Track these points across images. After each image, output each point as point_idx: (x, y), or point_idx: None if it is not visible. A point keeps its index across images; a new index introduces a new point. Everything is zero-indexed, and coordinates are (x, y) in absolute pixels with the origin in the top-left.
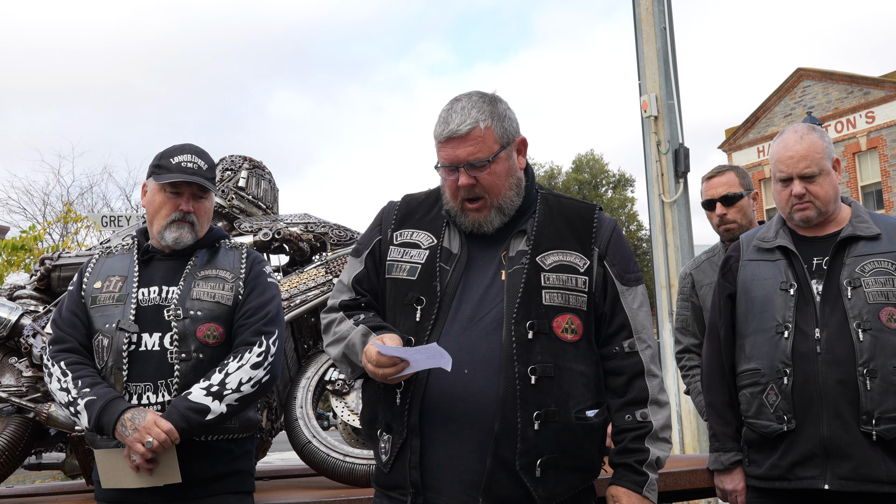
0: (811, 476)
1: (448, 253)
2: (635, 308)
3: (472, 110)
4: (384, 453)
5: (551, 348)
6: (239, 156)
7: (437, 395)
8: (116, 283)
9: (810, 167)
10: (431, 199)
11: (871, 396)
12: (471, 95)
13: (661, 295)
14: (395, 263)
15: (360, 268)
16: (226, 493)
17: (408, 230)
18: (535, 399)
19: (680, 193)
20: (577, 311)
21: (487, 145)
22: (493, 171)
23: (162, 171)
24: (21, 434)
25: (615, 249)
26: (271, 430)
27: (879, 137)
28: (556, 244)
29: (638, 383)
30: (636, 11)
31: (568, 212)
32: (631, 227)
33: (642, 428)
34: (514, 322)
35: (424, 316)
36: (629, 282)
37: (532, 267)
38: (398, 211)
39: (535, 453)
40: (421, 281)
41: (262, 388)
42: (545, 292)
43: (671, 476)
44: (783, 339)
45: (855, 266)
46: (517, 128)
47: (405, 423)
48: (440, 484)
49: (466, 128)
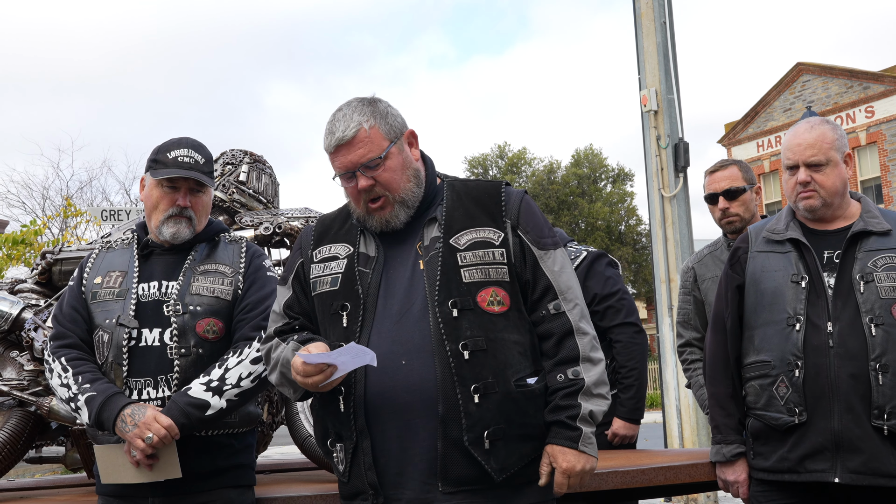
0: (821, 469)
1: (366, 257)
2: (556, 270)
3: (354, 115)
4: (340, 463)
5: (479, 322)
6: (240, 150)
7: (379, 392)
8: (116, 279)
9: (816, 155)
10: (344, 214)
11: (883, 391)
12: (350, 102)
13: (660, 289)
14: (318, 279)
15: (289, 294)
16: (226, 487)
17: (325, 246)
18: (472, 373)
19: (680, 188)
20: (500, 283)
21: (376, 144)
22: (387, 167)
23: (159, 167)
24: (23, 428)
25: (526, 217)
26: (272, 424)
27: (879, 132)
28: (467, 224)
29: (568, 343)
30: (636, 6)
31: (475, 192)
32: (630, 222)
33: (573, 385)
34: (437, 304)
35: (351, 320)
36: (545, 246)
37: (447, 249)
38: (315, 231)
39: (481, 426)
40: (343, 288)
41: (261, 382)
42: (464, 270)
43: (671, 470)
44: (794, 332)
45: (867, 261)
46: (403, 122)
47: (353, 427)
48: (400, 479)
49: (352, 132)
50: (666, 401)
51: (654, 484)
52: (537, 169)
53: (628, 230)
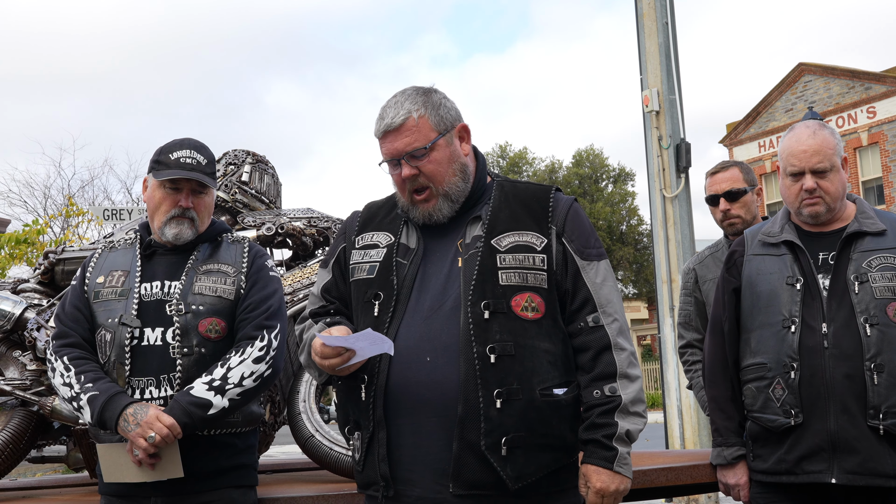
0: (818, 470)
1: (405, 248)
2: (598, 282)
3: (406, 103)
4: (356, 451)
5: (510, 327)
6: (242, 150)
7: (401, 386)
8: (119, 278)
9: (822, 162)
10: (391, 203)
11: (879, 391)
12: (405, 90)
13: (661, 290)
14: (356, 266)
15: (328, 277)
16: (228, 486)
17: (368, 233)
18: (496, 378)
19: (681, 188)
20: (536, 290)
21: (423, 134)
22: (432, 158)
23: (161, 168)
24: (25, 427)
25: (573, 226)
26: (274, 423)
27: (881, 132)
28: (511, 226)
29: (605, 357)
30: (638, 6)
31: (524, 195)
32: (632, 222)
33: (610, 402)
34: (469, 304)
35: (382, 310)
36: (589, 257)
37: (487, 249)
38: (360, 217)
39: (500, 432)
40: (379, 277)
41: (264, 382)
42: (501, 273)
43: (673, 471)
44: (790, 334)
45: (861, 261)
46: (456, 115)
47: (371, 417)
48: (411, 475)
49: (400, 119)
50: (667, 401)
51: (655, 485)
52: (538, 169)
53: (629, 230)
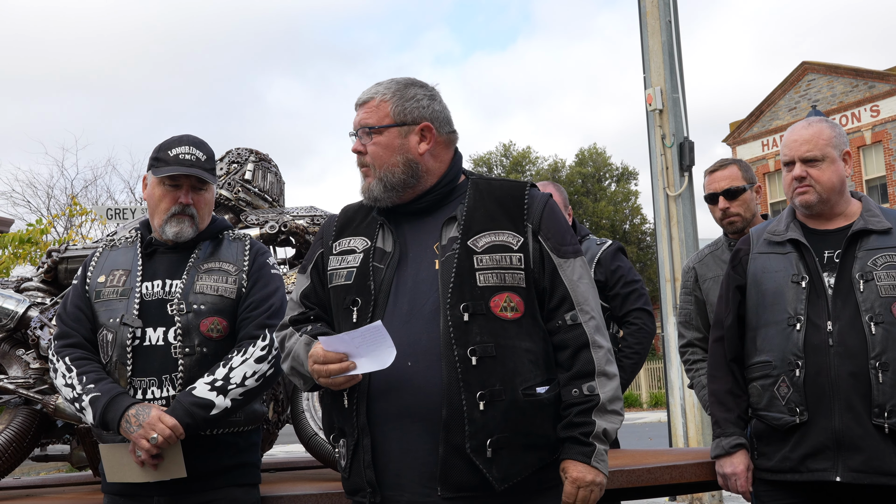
0: (823, 468)
1: (382, 252)
2: (575, 280)
3: (381, 86)
4: (342, 458)
5: (490, 328)
6: (245, 148)
7: (383, 391)
8: (120, 277)
9: (811, 151)
10: (367, 207)
11: (884, 389)
12: (394, 77)
13: (665, 288)
14: (334, 272)
15: (307, 283)
16: (232, 485)
17: (345, 238)
18: (479, 380)
19: (685, 187)
20: (515, 289)
21: (378, 116)
22: (377, 141)
23: (160, 164)
24: (28, 426)
25: (549, 223)
26: (277, 422)
27: (884, 131)
28: (487, 226)
29: (583, 355)
30: (641, 4)
31: (499, 192)
32: (635, 221)
33: (588, 402)
34: (449, 307)
35: (361, 315)
36: (566, 254)
37: (464, 251)
38: (337, 222)
39: (484, 434)
40: (356, 283)
41: (266, 381)
42: (479, 274)
43: (676, 469)
44: (795, 332)
45: (867, 259)
46: (425, 114)
47: (355, 423)
48: (399, 480)
49: (366, 97)
50: (671, 400)
51: (659, 483)
52: (542, 168)
53: (633, 229)
